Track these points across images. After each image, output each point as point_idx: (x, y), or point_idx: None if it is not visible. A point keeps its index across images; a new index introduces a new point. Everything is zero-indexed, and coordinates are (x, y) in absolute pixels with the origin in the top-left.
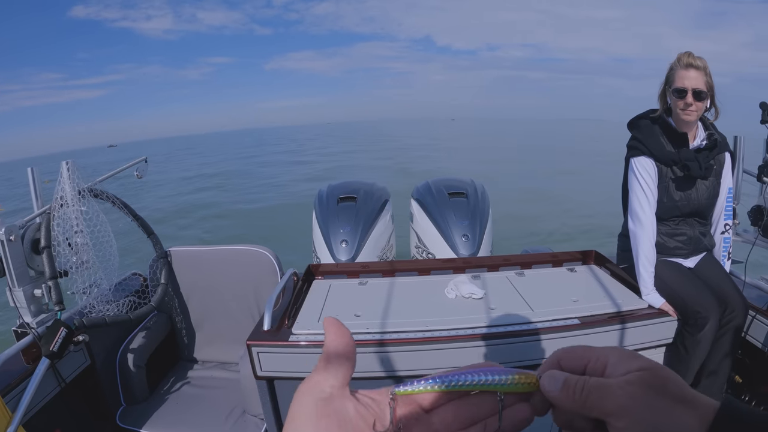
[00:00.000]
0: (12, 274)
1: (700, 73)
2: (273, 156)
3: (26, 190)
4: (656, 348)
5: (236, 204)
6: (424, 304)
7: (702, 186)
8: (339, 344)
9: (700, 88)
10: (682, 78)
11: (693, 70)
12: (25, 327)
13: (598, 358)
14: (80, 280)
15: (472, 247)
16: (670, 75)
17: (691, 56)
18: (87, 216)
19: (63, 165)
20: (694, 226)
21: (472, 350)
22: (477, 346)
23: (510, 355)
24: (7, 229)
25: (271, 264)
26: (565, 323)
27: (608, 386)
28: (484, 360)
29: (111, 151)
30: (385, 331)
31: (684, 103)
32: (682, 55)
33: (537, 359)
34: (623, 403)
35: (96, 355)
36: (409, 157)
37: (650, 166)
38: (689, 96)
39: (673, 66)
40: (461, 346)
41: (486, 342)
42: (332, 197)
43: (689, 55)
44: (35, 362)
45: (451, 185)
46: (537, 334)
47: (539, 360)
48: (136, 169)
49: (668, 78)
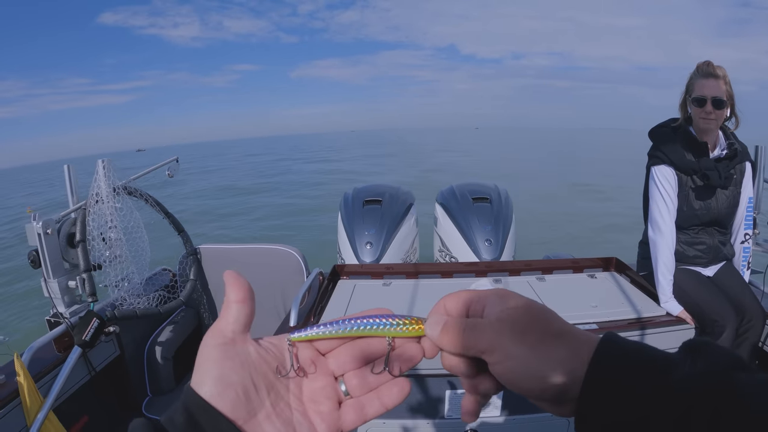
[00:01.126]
0: (48, 266)
1: (719, 81)
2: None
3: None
4: None
5: (264, 205)
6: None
7: (722, 195)
8: (238, 293)
9: (719, 97)
10: (701, 87)
11: (712, 79)
12: (58, 317)
13: (480, 299)
14: (113, 273)
15: (495, 251)
16: (690, 84)
17: (710, 65)
18: (121, 212)
19: (99, 163)
20: (713, 235)
21: None
22: None
23: None
24: (45, 223)
25: (297, 263)
26: (583, 328)
27: (480, 324)
28: None
29: (140, 155)
30: None
31: (703, 111)
32: (701, 64)
33: None
34: (492, 339)
35: (125, 346)
36: (433, 163)
37: (670, 175)
38: (708, 104)
39: (693, 75)
40: None
41: None
42: (358, 200)
43: (708, 64)
44: (66, 351)
45: (476, 190)
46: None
47: None
48: (167, 169)
49: (688, 87)
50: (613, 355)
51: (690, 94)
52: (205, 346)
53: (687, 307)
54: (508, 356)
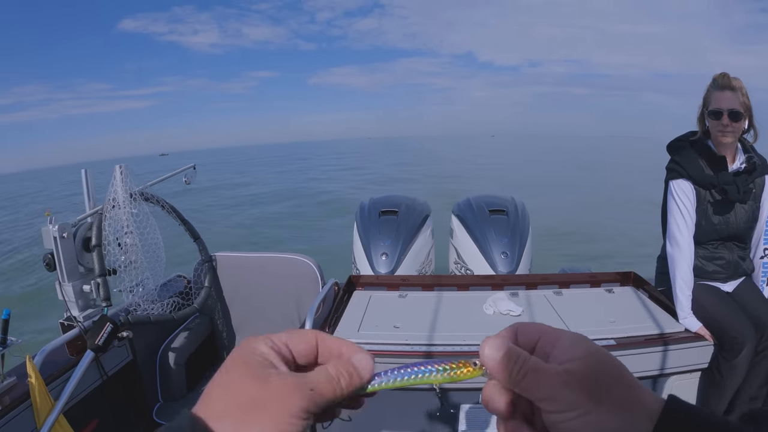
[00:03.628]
0: (63, 270)
1: (736, 93)
2: (315, 168)
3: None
4: (691, 372)
5: (278, 214)
6: (462, 319)
7: (741, 210)
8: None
9: (736, 109)
10: (717, 100)
11: (728, 92)
12: (71, 320)
13: (550, 337)
14: (127, 278)
15: (511, 264)
16: (707, 97)
17: (726, 77)
18: (137, 218)
19: (116, 168)
20: (732, 250)
21: None
22: None
23: None
24: (61, 227)
25: (313, 273)
26: (600, 344)
27: (546, 371)
28: None
29: (163, 159)
30: (423, 344)
31: (720, 124)
32: (717, 76)
33: None
34: (557, 389)
35: (138, 352)
36: (450, 173)
37: (689, 189)
38: (725, 117)
39: (709, 88)
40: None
41: None
42: (374, 210)
43: (724, 76)
44: (79, 354)
45: (492, 202)
46: None
47: None
48: (185, 176)
49: (705, 100)
50: (679, 426)
51: (707, 107)
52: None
53: (706, 323)
54: (571, 408)
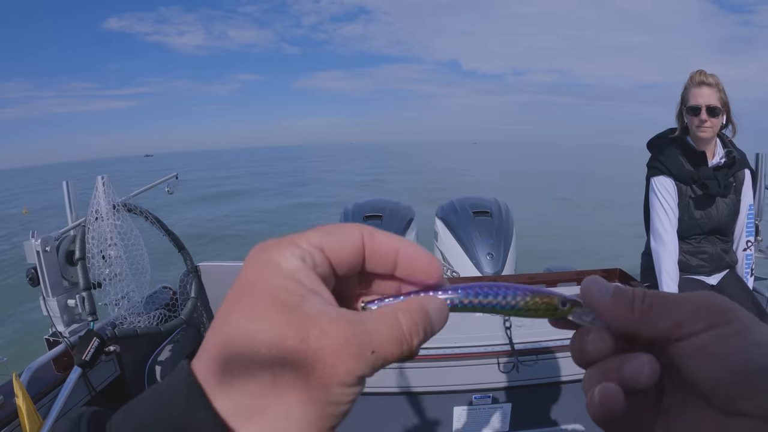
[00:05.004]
0: (47, 284)
1: (713, 89)
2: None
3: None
4: None
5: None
6: (450, 321)
7: (722, 203)
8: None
9: (713, 104)
10: (695, 96)
11: (705, 87)
12: (57, 336)
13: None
14: (113, 291)
15: (497, 265)
16: (685, 94)
17: (702, 74)
18: (121, 229)
19: (98, 180)
20: (715, 243)
21: (495, 367)
22: (501, 363)
23: (534, 373)
24: (43, 240)
25: None
26: None
27: (673, 297)
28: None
29: (147, 160)
30: None
31: (699, 120)
32: (695, 73)
33: (560, 377)
34: (698, 308)
35: (126, 366)
36: (432, 177)
37: (670, 185)
38: (703, 113)
39: (687, 85)
40: (486, 362)
41: (510, 359)
42: (358, 215)
43: (701, 73)
44: (66, 371)
45: (476, 204)
46: (560, 351)
47: (561, 377)
48: (167, 185)
49: (683, 97)
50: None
51: (685, 104)
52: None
53: None
54: (713, 326)
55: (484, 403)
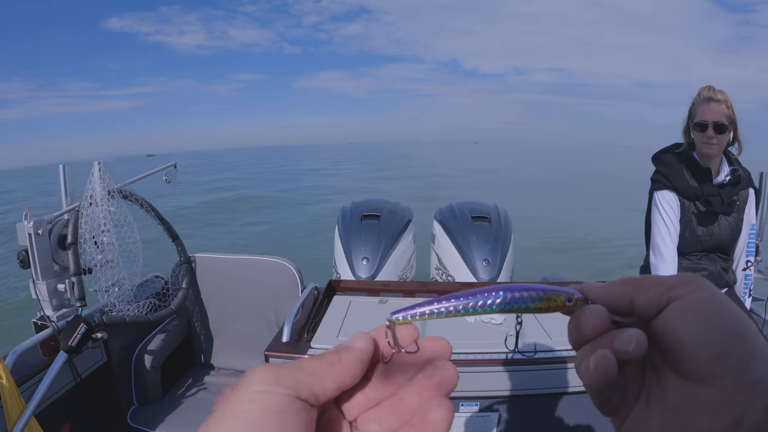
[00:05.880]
0: (37, 267)
1: (721, 106)
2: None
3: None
4: None
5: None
6: (443, 327)
7: (725, 222)
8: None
9: (720, 121)
10: (703, 112)
11: (714, 104)
12: (45, 320)
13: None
14: (103, 278)
15: (493, 271)
16: (692, 109)
17: (711, 90)
18: (114, 216)
19: (95, 165)
20: (716, 261)
21: (489, 375)
22: (494, 372)
23: (527, 383)
24: (36, 223)
25: (292, 276)
26: None
27: (659, 275)
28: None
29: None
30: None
31: (705, 136)
32: (703, 89)
33: (553, 387)
34: (685, 276)
35: (113, 353)
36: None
37: (673, 201)
38: (710, 129)
39: (695, 101)
40: (478, 370)
41: (504, 368)
42: (356, 214)
43: (710, 89)
44: (52, 355)
45: (475, 209)
46: (555, 363)
47: (550, 388)
48: (165, 174)
49: (690, 112)
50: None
51: (692, 120)
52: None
53: None
54: (705, 288)
55: (471, 411)
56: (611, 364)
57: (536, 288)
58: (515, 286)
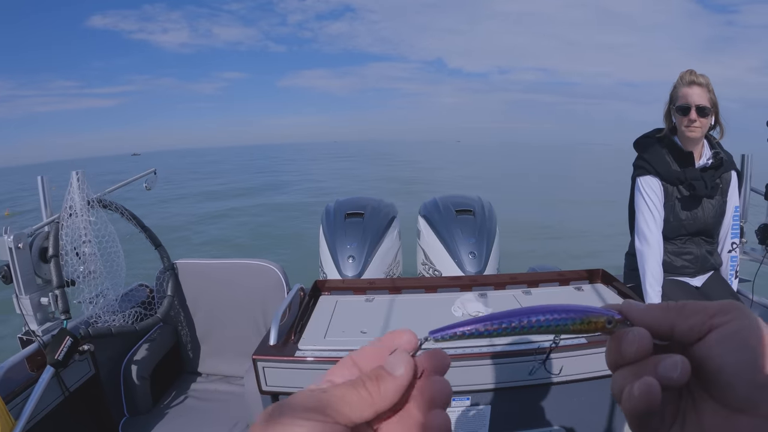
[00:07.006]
0: (19, 282)
1: (703, 89)
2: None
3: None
4: None
5: (244, 218)
6: (430, 322)
7: (708, 205)
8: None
9: (703, 105)
10: (685, 95)
11: (696, 87)
12: (30, 335)
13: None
14: (87, 289)
15: (479, 264)
16: (674, 93)
17: (693, 73)
18: (95, 226)
19: (73, 175)
20: (700, 244)
21: (478, 369)
22: (483, 365)
23: (516, 375)
24: (16, 237)
25: (278, 279)
26: (572, 342)
27: (700, 302)
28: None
29: (135, 159)
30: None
31: (688, 119)
32: (685, 73)
33: (541, 378)
34: (727, 304)
35: (100, 365)
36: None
37: (656, 186)
38: (693, 112)
39: (677, 84)
40: (467, 364)
41: (492, 361)
42: (340, 213)
43: (691, 72)
44: (39, 370)
45: (459, 202)
46: (543, 353)
47: (542, 379)
48: (145, 181)
49: (672, 96)
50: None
51: (674, 103)
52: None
53: None
54: (742, 316)
55: (463, 405)
56: (656, 392)
57: (575, 309)
58: (553, 308)
